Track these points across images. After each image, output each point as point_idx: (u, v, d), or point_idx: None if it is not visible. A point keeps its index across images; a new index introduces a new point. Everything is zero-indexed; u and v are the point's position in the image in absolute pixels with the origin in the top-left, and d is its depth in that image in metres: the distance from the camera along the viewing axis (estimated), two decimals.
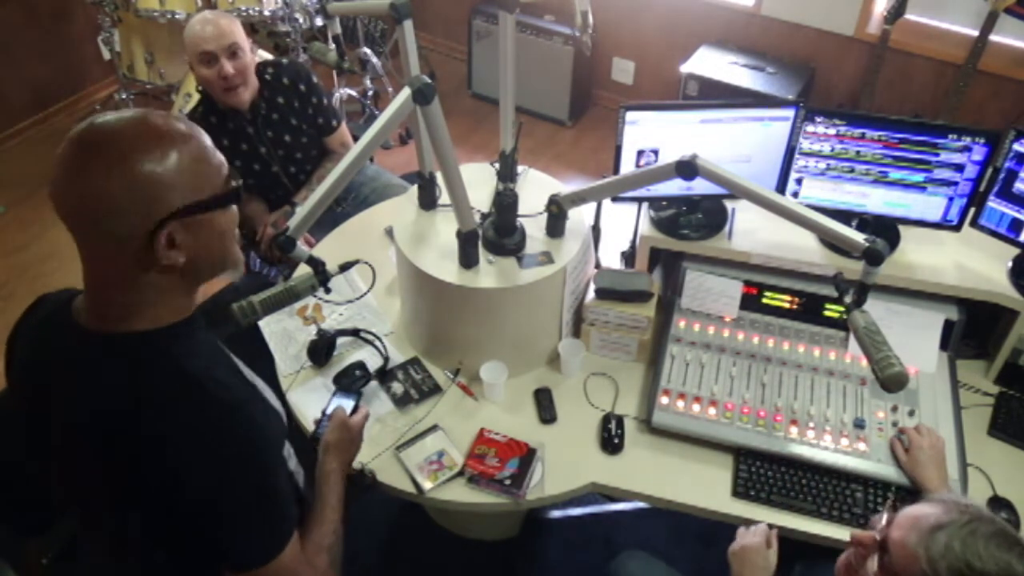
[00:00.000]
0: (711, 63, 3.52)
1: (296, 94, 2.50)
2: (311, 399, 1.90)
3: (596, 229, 2.16)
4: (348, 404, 1.77)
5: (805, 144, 1.89)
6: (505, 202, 1.82)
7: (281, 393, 1.92)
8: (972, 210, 1.89)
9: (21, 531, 1.75)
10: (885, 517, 1.26)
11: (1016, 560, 1.11)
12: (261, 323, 2.06)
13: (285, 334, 2.06)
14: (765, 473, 1.77)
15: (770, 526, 1.63)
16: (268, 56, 2.60)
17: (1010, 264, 1.93)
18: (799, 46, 3.52)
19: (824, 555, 1.73)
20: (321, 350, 1.96)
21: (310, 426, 1.84)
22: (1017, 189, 1.82)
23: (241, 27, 2.33)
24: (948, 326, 1.93)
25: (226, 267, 1.16)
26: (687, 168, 1.58)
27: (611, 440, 1.83)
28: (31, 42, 3.91)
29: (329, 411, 1.76)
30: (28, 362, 1.20)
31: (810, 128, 1.86)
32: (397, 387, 1.93)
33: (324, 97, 2.55)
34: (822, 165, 1.91)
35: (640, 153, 1.92)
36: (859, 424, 1.81)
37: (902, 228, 2.01)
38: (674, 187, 1.90)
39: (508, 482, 1.72)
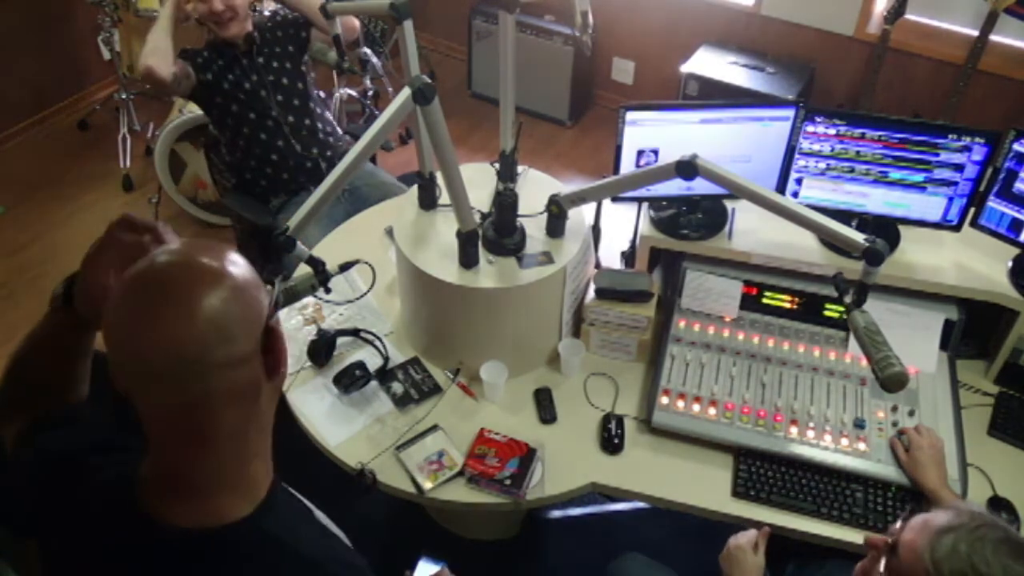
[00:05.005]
0: (711, 63, 3.51)
1: (289, 39, 2.68)
2: (311, 399, 1.90)
3: (596, 229, 2.16)
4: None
5: (805, 144, 1.89)
6: (505, 202, 1.82)
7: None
8: (972, 210, 1.89)
9: (21, 531, 1.74)
10: (900, 523, 1.26)
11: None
12: None
13: (285, 334, 2.06)
14: (765, 473, 1.77)
15: (769, 527, 1.64)
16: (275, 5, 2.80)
17: (1010, 264, 1.93)
18: (799, 46, 3.52)
19: (817, 555, 1.73)
20: (321, 350, 1.96)
21: (311, 427, 1.84)
22: (1017, 189, 1.82)
23: None
24: (948, 326, 1.93)
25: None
26: (687, 168, 1.58)
27: (611, 440, 1.83)
28: (31, 42, 3.90)
29: None
30: (84, 550, 1.02)
31: (810, 128, 1.86)
32: (397, 387, 1.93)
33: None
34: (822, 165, 1.91)
35: (640, 153, 1.92)
36: (859, 424, 1.81)
37: (902, 228, 2.01)
38: (674, 187, 1.90)
39: (508, 482, 1.72)
